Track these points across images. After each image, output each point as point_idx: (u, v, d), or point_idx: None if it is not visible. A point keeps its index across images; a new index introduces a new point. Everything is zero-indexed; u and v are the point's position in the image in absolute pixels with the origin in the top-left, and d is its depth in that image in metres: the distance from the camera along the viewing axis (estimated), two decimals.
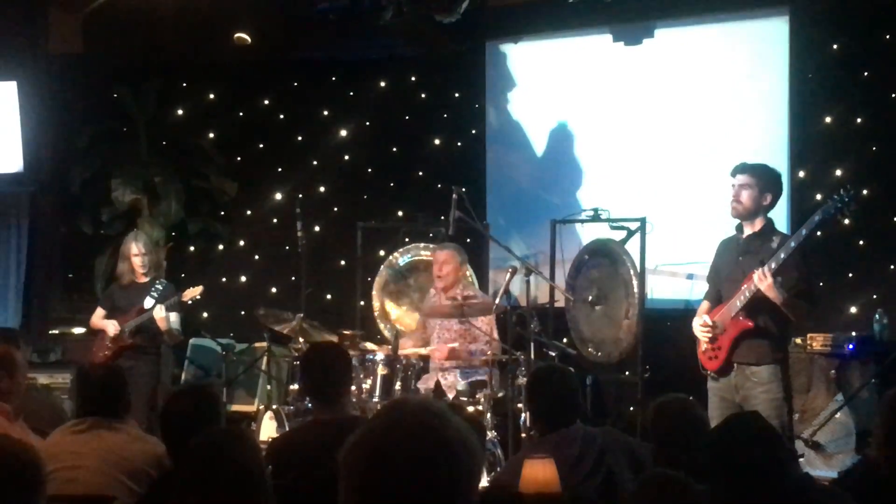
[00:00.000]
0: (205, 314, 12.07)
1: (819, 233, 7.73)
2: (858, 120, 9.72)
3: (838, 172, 9.66)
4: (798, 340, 8.88)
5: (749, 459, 3.94)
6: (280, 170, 12.39)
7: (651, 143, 10.40)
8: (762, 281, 6.71)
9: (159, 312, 9.27)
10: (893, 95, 9.59)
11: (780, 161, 9.40)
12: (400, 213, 11.64)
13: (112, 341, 9.35)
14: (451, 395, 8.43)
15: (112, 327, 9.37)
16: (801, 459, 7.48)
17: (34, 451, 3.60)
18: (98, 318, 9.64)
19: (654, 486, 3.84)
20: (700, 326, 7.18)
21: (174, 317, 9.56)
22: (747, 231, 7.16)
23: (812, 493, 4.13)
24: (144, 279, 9.58)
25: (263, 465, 3.77)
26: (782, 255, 6.72)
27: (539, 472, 4.72)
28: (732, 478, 3.95)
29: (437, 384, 8.72)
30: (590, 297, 9.34)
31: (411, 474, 2.31)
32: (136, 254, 9.56)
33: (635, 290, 8.93)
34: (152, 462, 5.17)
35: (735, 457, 3.97)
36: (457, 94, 11.83)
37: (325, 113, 12.30)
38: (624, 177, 10.52)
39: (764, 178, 7.11)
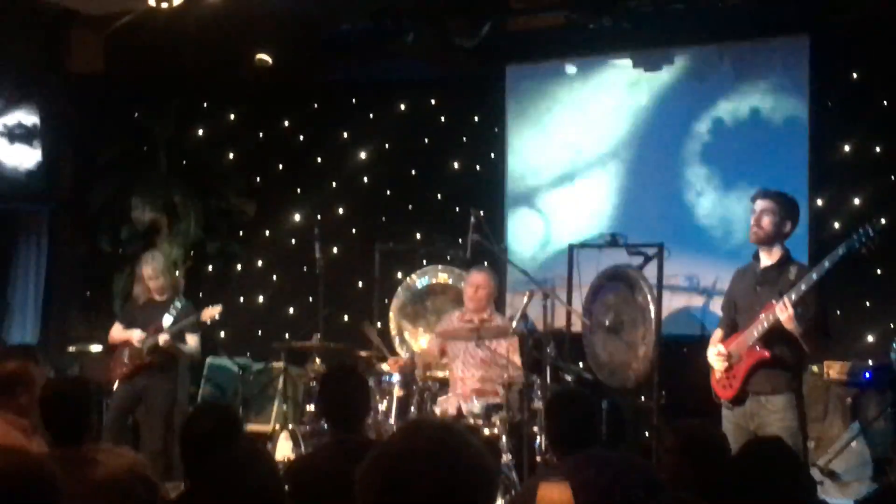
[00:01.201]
0: (222, 333, 12.09)
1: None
2: (877, 149, 9.72)
3: (857, 201, 9.66)
4: (815, 368, 8.87)
5: (771, 485, 3.94)
6: (299, 191, 12.43)
7: (670, 169, 10.41)
8: (783, 312, 6.66)
9: (164, 337, 9.29)
10: None
11: (799, 188, 9.41)
12: (418, 236, 11.64)
13: (129, 359, 9.38)
14: (468, 419, 8.43)
15: (136, 336, 9.39)
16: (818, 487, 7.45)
17: (51, 467, 3.61)
18: (117, 330, 9.68)
19: None
20: (715, 355, 7.13)
21: (192, 337, 9.59)
22: (764, 260, 7.11)
23: None
24: (162, 297, 9.62)
25: (282, 486, 3.78)
26: (803, 287, 6.66)
27: (555, 495, 4.72)
28: (753, 502, 3.94)
29: (459, 410, 8.73)
30: (606, 322, 9.34)
31: (427, 496, 2.32)
32: (150, 276, 9.61)
33: (652, 315, 8.93)
34: (129, 474, 5.12)
35: (757, 482, 3.96)
36: (476, 118, 11.84)
37: (345, 135, 12.32)
38: (642, 202, 10.53)
39: (785, 206, 7.09)
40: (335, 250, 11.76)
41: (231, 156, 12.58)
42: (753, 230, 7.10)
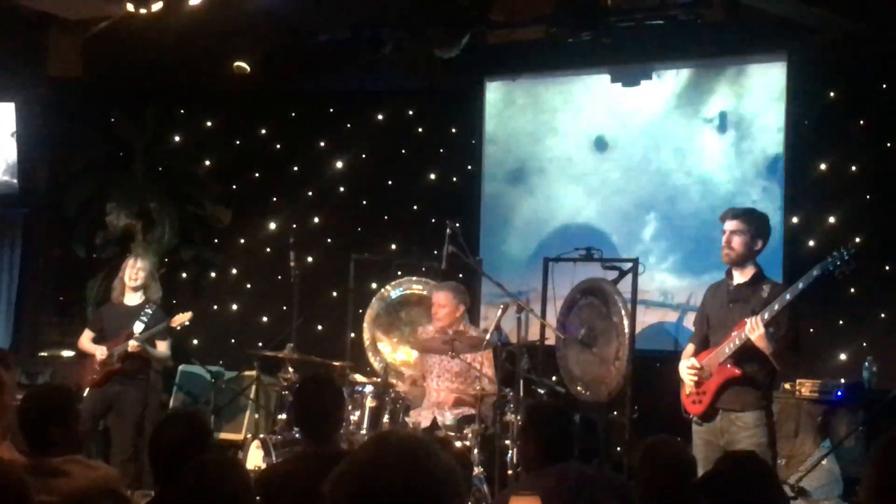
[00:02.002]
0: (195, 341, 12.06)
1: None
2: (853, 168, 9.76)
3: (832, 219, 9.70)
4: (787, 386, 8.89)
5: (745, 498, 3.93)
6: (275, 199, 12.41)
7: (647, 184, 10.45)
8: (754, 331, 6.65)
9: (133, 343, 9.26)
10: (888, 144, 9.63)
11: (774, 206, 9.48)
12: (393, 247, 11.65)
13: (101, 365, 9.34)
14: (440, 431, 8.43)
15: (100, 352, 9.36)
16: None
17: (20, 472, 3.59)
18: (86, 340, 9.63)
19: None
20: (688, 369, 7.12)
21: (163, 343, 9.56)
22: (737, 278, 7.08)
23: None
24: (133, 298, 9.58)
25: (252, 495, 3.76)
26: (776, 307, 6.66)
27: None
28: None
29: (434, 422, 8.73)
30: (580, 336, 9.34)
31: None
32: (132, 266, 9.59)
33: (626, 330, 8.94)
34: (99, 489, 5.09)
35: (731, 494, 3.96)
36: (454, 130, 11.87)
37: (322, 144, 12.33)
38: (618, 217, 10.56)
39: (754, 224, 7.04)
40: (310, 259, 11.75)
41: (207, 163, 12.56)
42: (725, 251, 7.07)
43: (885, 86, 9.70)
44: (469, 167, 11.61)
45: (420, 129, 12.04)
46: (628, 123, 10.61)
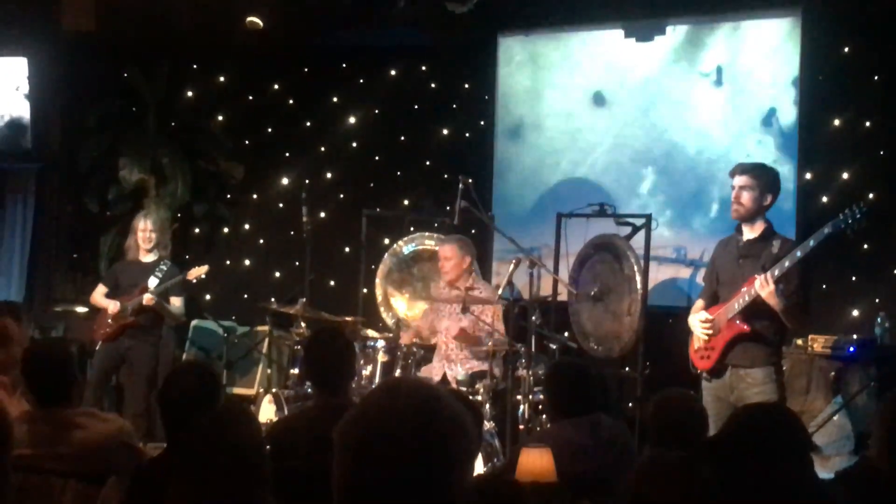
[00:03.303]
0: (208, 296, 12.09)
1: None
2: (867, 124, 9.73)
3: (845, 176, 9.67)
4: (799, 342, 8.89)
5: (774, 443, 3.87)
6: (287, 155, 12.41)
7: (661, 140, 10.43)
8: (764, 287, 6.60)
9: (148, 296, 9.25)
10: None
11: (787, 163, 9.45)
12: (406, 202, 11.65)
13: (113, 319, 9.34)
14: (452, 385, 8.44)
15: (112, 306, 9.36)
16: None
17: (3, 410, 3.59)
18: (99, 294, 9.62)
19: (658, 466, 3.81)
20: (701, 322, 7.10)
21: (177, 299, 9.56)
22: (747, 233, 7.03)
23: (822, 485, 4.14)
24: (149, 256, 9.58)
25: (264, 446, 3.77)
26: (787, 264, 6.58)
27: (535, 460, 4.74)
28: (752, 460, 3.87)
29: (444, 376, 8.74)
30: (592, 292, 9.33)
31: (404, 453, 2.31)
32: (143, 229, 9.55)
33: (638, 286, 8.92)
34: (113, 440, 5.13)
35: (760, 438, 3.89)
36: (467, 86, 11.84)
37: (335, 100, 12.31)
38: (631, 173, 10.54)
39: (763, 179, 6.97)
40: (322, 215, 11.75)
41: (220, 118, 12.55)
42: (734, 207, 7.00)
43: None
44: (481, 123, 11.59)
45: (433, 85, 12.01)
46: (642, 78, 10.57)
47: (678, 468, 3.69)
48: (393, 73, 12.11)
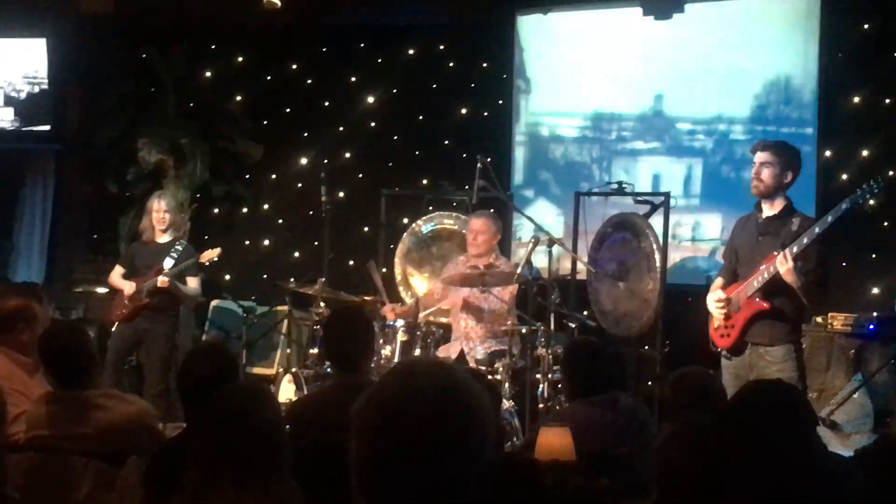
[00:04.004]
0: (227, 277, 12.10)
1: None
2: (887, 100, 9.70)
3: (865, 153, 9.64)
4: (819, 319, 8.87)
5: (774, 423, 3.90)
6: (306, 135, 12.41)
7: (679, 118, 10.40)
8: (783, 264, 6.57)
9: (164, 277, 9.26)
10: None
11: (807, 140, 9.41)
12: (424, 182, 11.62)
13: (130, 300, 9.35)
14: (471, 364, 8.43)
15: (128, 287, 9.38)
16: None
17: None
18: (116, 276, 9.63)
19: (685, 432, 3.78)
20: (715, 301, 7.09)
21: (193, 280, 9.57)
22: (766, 211, 6.99)
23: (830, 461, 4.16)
24: (164, 237, 9.59)
25: (283, 423, 3.77)
26: (805, 241, 6.56)
27: (554, 439, 4.74)
28: (762, 434, 3.88)
29: (461, 353, 8.74)
30: (611, 271, 9.32)
31: (423, 431, 2.30)
32: (157, 210, 9.55)
33: (657, 264, 8.91)
34: (134, 422, 5.16)
35: (759, 420, 3.92)
36: (485, 64, 11.82)
37: (353, 79, 12.30)
38: (650, 151, 10.52)
39: (785, 156, 6.93)
40: (341, 195, 11.74)
41: (239, 98, 12.56)
42: (754, 184, 6.97)
43: None
44: (500, 101, 11.57)
45: (451, 64, 11.98)
46: (660, 57, 10.53)
47: (707, 433, 3.68)
48: (411, 51, 12.09)
